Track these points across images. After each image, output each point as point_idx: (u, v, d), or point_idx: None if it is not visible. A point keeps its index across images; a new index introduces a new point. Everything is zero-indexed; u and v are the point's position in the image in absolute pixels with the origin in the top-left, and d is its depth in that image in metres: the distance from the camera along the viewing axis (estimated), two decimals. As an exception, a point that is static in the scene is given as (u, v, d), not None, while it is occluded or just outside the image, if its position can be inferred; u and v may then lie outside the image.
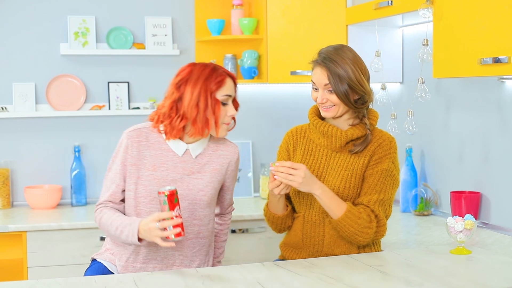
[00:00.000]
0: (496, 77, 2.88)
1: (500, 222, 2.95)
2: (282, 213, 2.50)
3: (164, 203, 2.16)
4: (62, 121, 3.85)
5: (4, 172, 3.69)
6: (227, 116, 2.37)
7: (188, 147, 2.41)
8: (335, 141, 2.46)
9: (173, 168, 2.39)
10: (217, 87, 2.31)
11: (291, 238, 2.55)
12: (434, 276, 2.14)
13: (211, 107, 2.31)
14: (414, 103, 3.12)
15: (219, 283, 2.10)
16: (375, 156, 2.44)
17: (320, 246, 2.48)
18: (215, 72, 2.33)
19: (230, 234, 3.48)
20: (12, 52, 3.78)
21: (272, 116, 4.11)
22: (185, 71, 2.35)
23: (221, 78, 2.32)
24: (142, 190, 2.37)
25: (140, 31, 3.93)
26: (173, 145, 2.39)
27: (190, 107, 2.30)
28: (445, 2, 2.73)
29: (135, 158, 2.37)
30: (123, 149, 2.39)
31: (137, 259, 2.41)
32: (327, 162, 2.48)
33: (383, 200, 2.40)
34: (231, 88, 2.37)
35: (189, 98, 2.30)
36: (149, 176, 2.37)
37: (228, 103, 2.37)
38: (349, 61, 2.38)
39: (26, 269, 3.28)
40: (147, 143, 2.38)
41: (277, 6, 3.67)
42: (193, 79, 2.31)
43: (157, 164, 2.38)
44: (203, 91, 2.30)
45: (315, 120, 2.50)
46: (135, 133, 2.39)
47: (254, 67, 3.84)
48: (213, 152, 2.46)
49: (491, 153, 3.00)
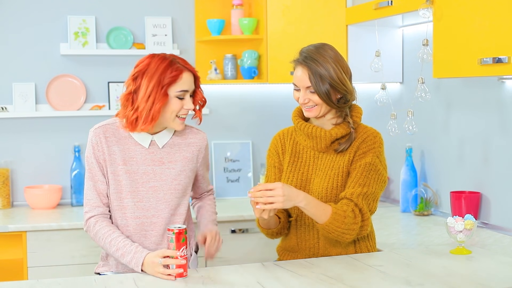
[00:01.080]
0: (496, 77, 2.88)
1: (500, 222, 2.95)
2: (275, 227, 2.48)
3: (171, 241, 2.13)
4: (62, 121, 3.85)
5: (4, 172, 3.69)
6: (183, 109, 2.34)
7: (153, 137, 2.40)
8: (320, 142, 2.43)
9: (143, 161, 2.39)
10: (171, 82, 2.29)
11: (286, 242, 2.54)
12: (434, 276, 2.14)
13: (160, 102, 2.29)
14: (414, 103, 3.11)
15: (219, 283, 2.10)
16: (359, 151, 2.40)
17: (316, 249, 2.46)
18: (171, 66, 2.30)
19: (230, 234, 3.48)
20: (12, 52, 3.78)
21: (272, 116, 4.11)
22: (143, 63, 2.34)
23: (176, 73, 2.29)
24: (118, 185, 2.37)
25: (140, 31, 3.93)
26: (138, 137, 2.39)
27: (143, 101, 2.29)
28: (445, 2, 2.73)
29: (105, 153, 2.36)
30: (92, 147, 2.38)
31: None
32: (314, 163, 2.46)
33: (367, 194, 2.35)
34: (188, 83, 2.33)
35: (144, 92, 2.29)
36: (121, 171, 2.36)
37: (185, 98, 2.34)
38: (330, 60, 2.35)
39: (26, 269, 3.28)
40: (114, 138, 2.38)
41: (277, 6, 3.67)
42: (149, 72, 2.30)
43: (127, 158, 2.38)
44: (156, 85, 2.28)
45: (299, 122, 2.47)
46: (101, 129, 2.38)
47: (254, 67, 3.84)
48: (182, 141, 2.45)
49: (491, 153, 3.00)
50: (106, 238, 2.32)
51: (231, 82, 3.93)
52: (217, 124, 4.07)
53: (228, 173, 4.03)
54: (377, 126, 2.68)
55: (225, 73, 3.94)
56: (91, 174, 2.39)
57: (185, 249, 2.14)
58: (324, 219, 2.28)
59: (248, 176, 4.05)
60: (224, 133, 4.08)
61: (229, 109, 4.10)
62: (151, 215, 2.39)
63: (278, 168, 2.54)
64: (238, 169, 4.05)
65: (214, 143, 4.03)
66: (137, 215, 2.38)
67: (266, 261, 2.44)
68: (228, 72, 3.93)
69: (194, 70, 2.38)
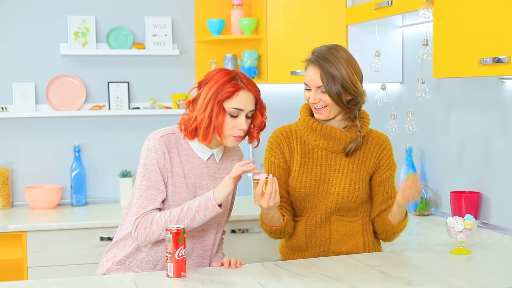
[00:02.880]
0: (496, 77, 2.88)
1: (500, 222, 2.95)
2: (279, 224, 2.43)
3: (169, 241, 2.12)
4: (62, 121, 3.85)
5: (4, 172, 3.69)
6: (235, 129, 2.29)
7: (214, 151, 2.37)
8: (338, 143, 2.43)
9: (200, 174, 2.35)
10: (226, 97, 2.25)
11: (293, 242, 2.53)
12: (434, 276, 2.14)
13: (215, 115, 2.25)
14: (414, 103, 3.11)
15: (219, 283, 2.10)
16: (384, 159, 2.50)
17: (327, 245, 2.47)
18: (232, 81, 2.26)
19: (230, 234, 3.48)
20: (12, 52, 3.78)
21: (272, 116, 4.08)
22: (210, 73, 2.31)
23: (233, 89, 2.24)
24: (178, 198, 2.31)
25: (140, 31, 3.93)
26: (199, 150, 2.34)
27: (201, 111, 2.26)
28: (445, 2, 2.73)
29: (168, 164, 2.29)
30: (156, 155, 2.28)
31: (134, 262, 2.38)
32: (328, 164, 2.46)
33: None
34: (244, 102, 2.27)
35: (202, 101, 2.27)
36: (182, 184, 2.31)
37: (239, 116, 2.28)
38: (343, 61, 2.35)
39: (26, 269, 3.28)
40: (176, 149, 2.32)
41: (277, 6, 3.67)
42: (211, 83, 2.27)
43: (186, 171, 2.32)
44: (214, 97, 2.25)
45: (312, 122, 2.44)
46: (167, 138, 2.31)
47: (254, 67, 3.84)
48: (227, 157, 2.44)
49: (491, 153, 3.00)
50: (167, 217, 2.22)
51: (231, 82, 3.93)
52: (217, 124, 4.06)
53: (228, 173, 4.03)
54: (377, 126, 2.69)
55: (225, 73, 3.94)
56: (150, 183, 2.27)
57: (183, 249, 2.14)
58: (400, 219, 2.47)
59: (248, 176, 4.04)
60: (224, 133, 4.08)
61: (229, 109, 4.09)
62: (201, 229, 2.37)
63: (283, 168, 2.49)
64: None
65: (214, 143, 4.03)
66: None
67: (266, 261, 2.44)
68: (228, 72, 3.93)
69: (256, 92, 2.30)
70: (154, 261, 2.36)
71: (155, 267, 2.36)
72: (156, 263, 2.36)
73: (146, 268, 2.36)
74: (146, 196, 2.26)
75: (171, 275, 2.13)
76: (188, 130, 2.30)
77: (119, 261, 2.38)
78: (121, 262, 2.38)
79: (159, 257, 2.35)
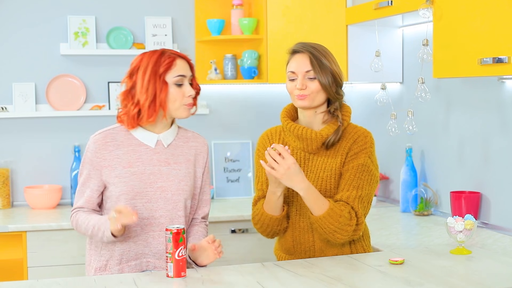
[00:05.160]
0: (496, 77, 2.88)
1: (500, 222, 2.95)
2: (280, 214, 2.40)
3: (169, 241, 2.13)
4: (62, 121, 3.85)
5: (4, 172, 3.69)
6: (185, 97, 2.36)
7: (159, 136, 2.41)
8: (311, 143, 2.39)
9: (149, 161, 2.39)
10: (166, 69, 2.32)
11: (282, 244, 2.51)
12: (434, 276, 2.14)
13: (159, 91, 2.31)
14: (414, 103, 3.12)
15: (219, 283, 2.10)
16: (350, 152, 2.38)
17: (312, 252, 2.44)
18: (163, 55, 2.35)
19: (230, 234, 3.48)
20: (12, 52, 3.78)
21: (272, 116, 4.10)
22: (136, 61, 2.37)
23: (169, 60, 2.33)
24: (123, 187, 2.35)
25: (140, 31, 3.93)
26: (143, 137, 2.39)
27: (142, 93, 2.32)
28: (445, 2, 2.73)
29: (106, 159, 2.36)
30: (90, 154, 2.38)
31: (112, 261, 2.39)
32: (305, 164, 2.43)
33: (362, 196, 2.34)
34: (184, 69, 2.36)
35: (141, 85, 2.32)
36: (127, 173, 2.36)
37: (184, 83, 2.36)
38: (328, 53, 2.39)
39: (26, 269, 3.28)
40: (116, 142, 2.38)
41: (277, 6, 3.67)
42: (143, 66, 2.33)
43: (132, 160, 2.37)
44: (153, 75, 2.32)
45: (288, 123, 2.43)
46: (100, 136, 2.39)
47: (254, 67, 3.84)
48: (183, 144, 2.46)
49: (491, 153, 3.00)
50: (83, 222, 2.35)
51: (231, 82, 3.93)
52: (217, 124, 4.07)
53: (228, 173, 4.03)
54: (377, 126, 2.69)
55: (225, 73, 3.94)
56: (82, 180, 2.40)
57: (183, 249, 2.14)
58: (319, 212, 2.29)
59: (248, 176, 4.05)
60: (224, 133, 4.08)
61: (229, 109, 4.10)
62: (159, 215, 2.38)
63: None
64: (238, 169, 4.06)
65: (214, 143, 4.03)
66: (146, 215, 2.36)
67: (266, 261, 2.44)
68: (228, 72, 3.93)
69: (187, 57, 2.41)
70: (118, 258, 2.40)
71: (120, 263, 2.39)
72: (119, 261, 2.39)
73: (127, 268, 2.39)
74: (77, 192, 2.42)
75: (171, 275, 2.13)
76: (130, 117, 2.35)
77: (100, 267, 2.42)
78: (102, 268, 2.41)
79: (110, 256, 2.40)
